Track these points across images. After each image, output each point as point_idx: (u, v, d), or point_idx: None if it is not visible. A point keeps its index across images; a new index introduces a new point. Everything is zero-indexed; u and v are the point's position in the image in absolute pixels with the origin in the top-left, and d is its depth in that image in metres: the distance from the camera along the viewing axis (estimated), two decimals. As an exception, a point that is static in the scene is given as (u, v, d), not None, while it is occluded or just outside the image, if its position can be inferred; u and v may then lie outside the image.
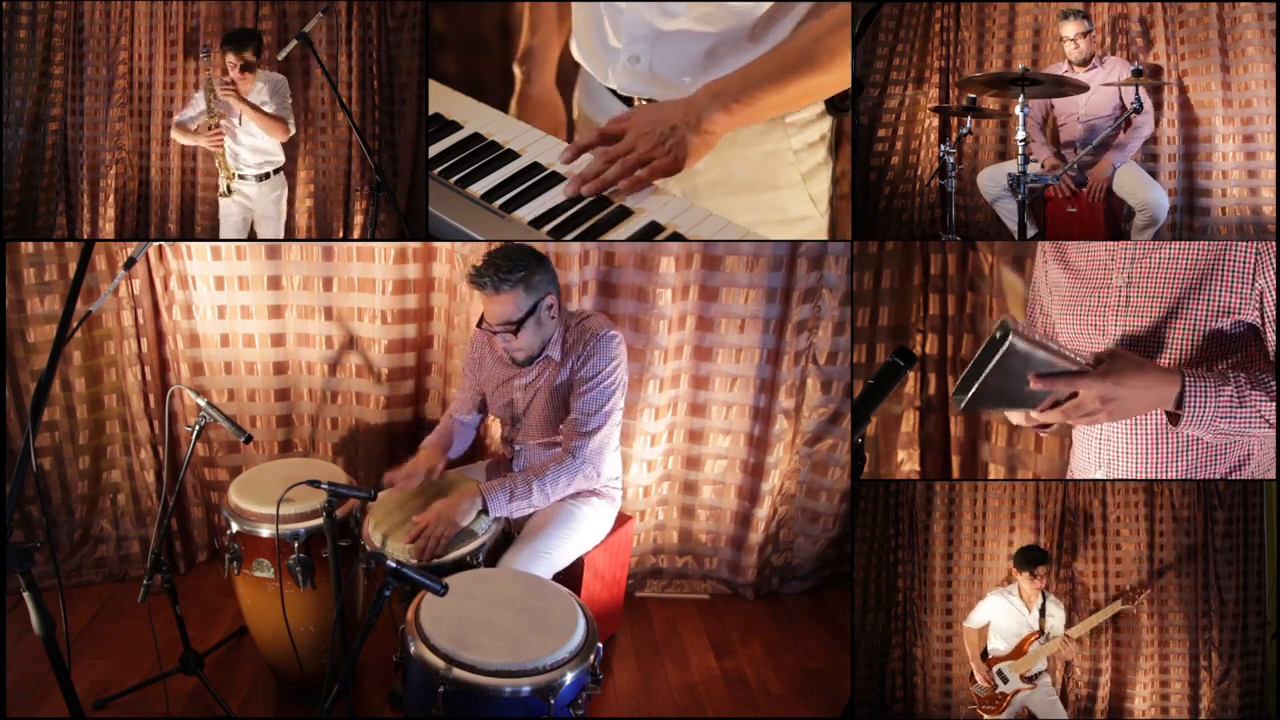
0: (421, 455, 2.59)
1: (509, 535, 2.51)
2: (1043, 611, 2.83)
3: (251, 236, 3.54)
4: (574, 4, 2.44)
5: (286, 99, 3.49)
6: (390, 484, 2.48)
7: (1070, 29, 3.36)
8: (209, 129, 3.45)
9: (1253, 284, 1.66)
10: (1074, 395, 1.57)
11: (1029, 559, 2.83)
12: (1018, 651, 2.82)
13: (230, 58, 3.38)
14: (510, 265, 2.35)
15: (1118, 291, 1.79)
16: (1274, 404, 1.58)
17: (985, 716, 2.84)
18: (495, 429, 3.10)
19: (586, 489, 2.60)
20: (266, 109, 3.45)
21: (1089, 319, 1.83)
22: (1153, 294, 1.75)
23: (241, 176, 3.48)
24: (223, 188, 3.50)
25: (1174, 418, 1.60)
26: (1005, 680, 2.81)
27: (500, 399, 2.66)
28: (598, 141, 2.13)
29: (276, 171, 3.51)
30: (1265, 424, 1.59)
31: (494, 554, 2.40)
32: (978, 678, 2.84)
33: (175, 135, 3.52)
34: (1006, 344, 1.54)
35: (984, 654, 2.86)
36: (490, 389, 2.69)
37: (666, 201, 2.15)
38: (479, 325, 2.49)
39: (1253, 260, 1.66)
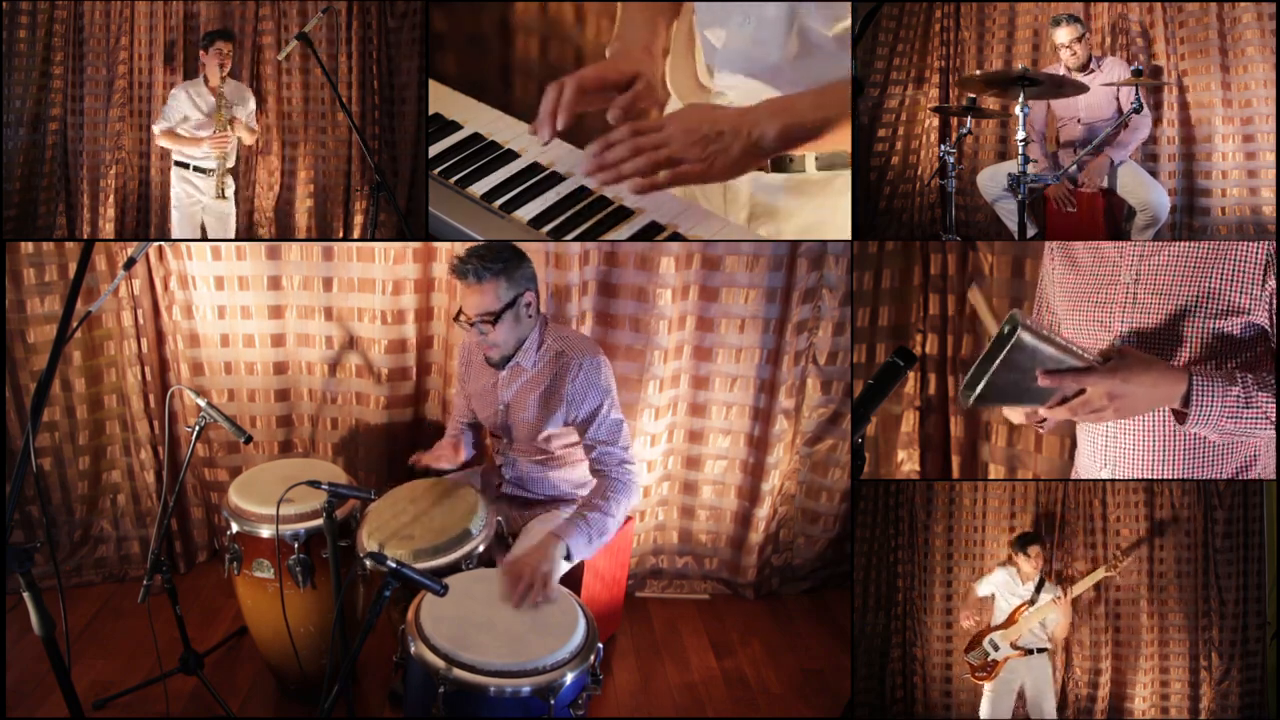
0: (445, 446, 2.69)
1: (505, 541, 2.51)
2: (1038, 588, 2.89)
3: (250, 236, 3.55)
4: (672, 35, 2.32)
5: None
6: (415, 464, 2.55)
7: (1063, 35, 3.34)
8: (216, 132, 3.50)
9: (1263, 285, 1.64)
10: (1081, 392, 1.55)
11: (1022, 541, 2.92)
12: (1009, 621, 2.89)
13: (220, 44, 3.43)
14: (493, 255, 2.37)
15: (1125, 289, 1.77)
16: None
17: (979, 682, 2.93)
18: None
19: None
20: (240, 113, 3.54)
21: (1095, 315, 1.81)
22: (1161, 292, 1.73)
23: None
24: (218, 191, 3.53)
25: (1180, 416, 1.59)
26: (996, 648, 2.89)
27: (486, 408, 2.67)
28: (627, 135, 1.90)
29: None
30: (1270, 425, 1.58)
31: (490, 563, 2.40)
32: (963, 621, 2.97)
33: (165, 142, 3.52)
34: (1014, 338, 1.52)
35: (983, 628, 2.94)
36: (475, 397, 2.70)
37: (665, 201, 2.15)
38: (455, 319, 2.47)
39: (1264, 260, 1.64)
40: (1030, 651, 2.89)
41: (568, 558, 2.23)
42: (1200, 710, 2.92)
